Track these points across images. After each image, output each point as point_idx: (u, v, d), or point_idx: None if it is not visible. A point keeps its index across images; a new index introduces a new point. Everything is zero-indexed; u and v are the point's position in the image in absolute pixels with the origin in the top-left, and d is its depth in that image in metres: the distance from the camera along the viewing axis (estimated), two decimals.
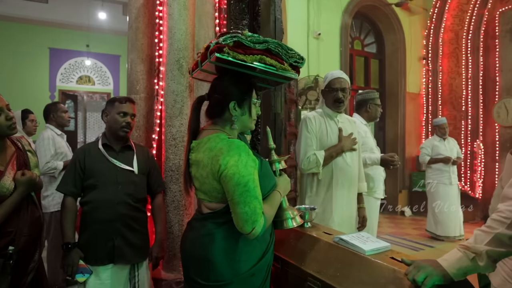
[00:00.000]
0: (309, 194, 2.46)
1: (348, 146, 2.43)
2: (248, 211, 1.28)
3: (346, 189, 2.42)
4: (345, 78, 2.50)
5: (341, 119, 2.54)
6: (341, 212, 2.38)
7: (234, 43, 1.33)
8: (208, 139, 1.41)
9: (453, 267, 1.13)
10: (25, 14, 8.77)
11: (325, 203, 2.39)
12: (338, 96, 2.44)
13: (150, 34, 2.73)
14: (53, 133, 3.45)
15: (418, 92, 7.57)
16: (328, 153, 2.38)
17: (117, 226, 1.99)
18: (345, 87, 2.46)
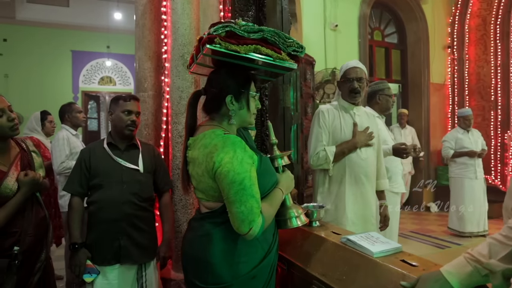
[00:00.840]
0: (320, 190, 2.34)
1: (362, 142, 2.27)
2: (245, 211, 1.21)
3: (361, 186, 2.27)
4: (362, 68, 2.35)
5: (358, 112, 2.38)
6: (355, 210, 2.24)
7: (227, 33, 1.26)
8: (203, 136, 1.35)
9: (463, 283, 0.98)
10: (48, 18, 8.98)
11: (337, 200, 2.26)
12: (354, 86, 2.29)
13: (156, 31, 2.69)
14: (68, 133, 3.47)
15: (443, 82, 7.27)
16: (339, 149, 2.24)
17: (122, 226, 1.96)
18: (361, 77, 2.31)
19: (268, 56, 1.30)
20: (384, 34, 7.25)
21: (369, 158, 2.33)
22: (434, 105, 7.12)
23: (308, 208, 1.71)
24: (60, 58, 9.44)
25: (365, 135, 2.29)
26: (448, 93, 7.28)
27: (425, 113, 7.02)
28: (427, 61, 7.07)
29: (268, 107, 2.22)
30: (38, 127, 3.75)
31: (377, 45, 7.08)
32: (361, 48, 6.33)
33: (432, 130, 7.05)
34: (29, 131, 3.76)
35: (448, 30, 7.26)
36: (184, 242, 1.46)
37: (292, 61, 1.37)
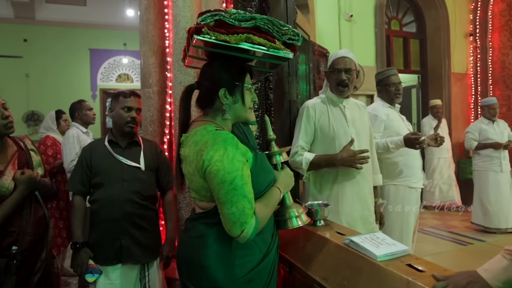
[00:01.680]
0: (312, 191, 2.17)
1: (345, 162, 2.00)
2: (236, 212, 1.14)
3: (355, 185, 2.11)
4: (351, 58, 2.17)
5: (348, 104, 2.20)
6: (350, 212, 2.09)
7: (216, 23, 1.18)
8: (195, 132, 1.28)
9: (498, 279, 0.90)
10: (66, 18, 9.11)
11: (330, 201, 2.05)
12: (341, 78, 2.11)
13: (160, 25, 2.63)
14: (78, 131, 3.47)
15: (465, 72, 6.98)
16: (316, 159, 2.06)
17: (124, 225, 1.92)
18: (350, 68, 2.13)
19: (261, 45, 1.22)
20: (402, 23, 7.00)
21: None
22: (456, 95, 6.84)
23: (312, 207, 1.63)
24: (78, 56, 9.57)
25: (352, 157, 2.01)
26: (471, 83, 6.99)
27: (446, 104, 6.75)
28: (447, 50, 6.78)
29: (273, 101, 2.13)
30: (53, 126, 3.78)
31: (395, 35, 6.83)
32: (377, 38, 6.11)
33: (453, 121, 6.79)
34: (45, 130, 3.80)
35: (470, 17, 6.94)
36: (179, 244, 1.40)
37: (288, 50, 1.28)
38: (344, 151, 2.02)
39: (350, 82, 2.14)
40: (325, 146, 2.14)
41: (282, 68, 2.18)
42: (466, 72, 6.99)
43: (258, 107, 2.16)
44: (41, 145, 3.60)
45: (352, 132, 2.14)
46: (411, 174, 2.75)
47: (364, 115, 2.26)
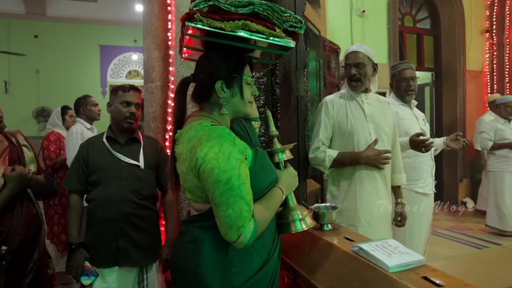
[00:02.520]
0: (330, 188, 2.12)
1: (370, 160, 1.98)
2: (232, 215, 1.03)
3: (374, 182, 2.03)
4: (363, 52, 2.09)
5: (367, 99, 2.13)
6: (369, 210, 2.01)
7: (210, 8, 1.07)
8: (189, 128, 1.18)
9: None
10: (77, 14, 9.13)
11: (348, 199, 2.04)
12: (351, 73, 2.08)
13: (164, 18, 2.54)
14: (82, 127, 3.41)
15: (481, 69, 6.77)
16: (340, 156, 2.02)
17: (121, 225, 1.83)
18: (359, 62, 2.07)
19: (259, 33, 1.10)
20: (415, 20, 6.81)
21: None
22: (471, 93, 6.64)
23: (319, 209, 1.51)
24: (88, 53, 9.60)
25: (377, 156, 1.99)
26: (486, 81, 6.78)
27: (460, 102, 6.55)
28: (463, 47, 6.58)
29: (280, 97, 2.02)
30: (59, 122, 3.74)
31: (408, 32, 6.66)
32: (390, 35, 5.95)
33: (468, 120, 6.58)
34: (51, 126, 3.77)
35: (486, 13, 6.73)
36: (173, 250, 1.30)
37: (290, 38, 1.17)
38: (370, 150, 2.00)
39: (363, 76, 2.08)
40: (344, 142, 2.09)
41: (289, 62, 2.06)
42: (482, 70, 6.79)
43: (263, 103, 2.05)
44: (44, 141, 3.56)
45: (370, 127, 2.08)
46: (418, 177, 2.62)
47: (386, 111, 2.18)
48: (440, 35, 6.83)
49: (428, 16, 6.90)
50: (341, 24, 5.48)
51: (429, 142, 2.33)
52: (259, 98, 1.99)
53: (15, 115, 8.58)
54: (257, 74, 1.97)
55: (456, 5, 6.55)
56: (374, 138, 2.04)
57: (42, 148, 3.51)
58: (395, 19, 6.00)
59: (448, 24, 6.72)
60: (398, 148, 2.26)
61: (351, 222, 1.98)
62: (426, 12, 6.89)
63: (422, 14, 6.87)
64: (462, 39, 6.58)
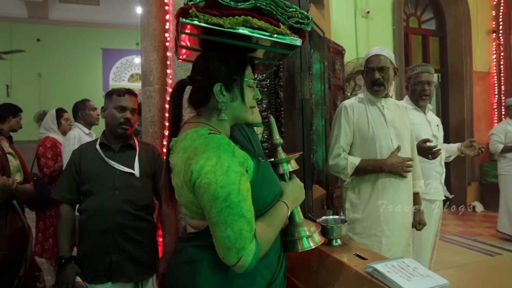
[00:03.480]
0: (349, 195, 2.04)
1: (394, 168, 1.93)
2: (231, 235, 0.92)
3: (397, 190, 1.97)
4: (386, 56, 2.05)
5: (386, 104, 2.09)
6: (393, 219, 1.93)
7: (206, 3, 0.96)
8: (184, 136, 1.06)
9: None
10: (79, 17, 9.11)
11: (370, 208, 1.96)
12: (375, 77, 2.02)
13: (162, 18, 2.44)
14: (80, 132, 3.30)
15: (488, 70, 6.64)
16: (363, 164, 1.96)
17: (114, 238, 1.72)
18: (383, 66, 2.02)
19: (262, 30, 0.99)
20: (420, 21, 6.69)
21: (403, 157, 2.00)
22: (478, 95, 6.51)
23: (327, 223, 1.40)
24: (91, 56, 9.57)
25: (401, 164, 1.95)
26: (494, 82, 6.65)
27: (467, 104, 6.42)
28: (469, 48, 6.46)
29: (283, 100, 1.91)
30: (54, 126, 3.61)
31: (413, 33, 6.54)
32: (395, 36, 5.84)
33: (475, 122, 6.45)
34: (45, 130, 3.63)
35: (492, 13, 6.62)
36: (167, 270, 1.19)
37: (296, 36, 1.05)
38: (394, 157, 1.95)
39: (386, 80, 2.03)
40: (365, 148, 2.04)
41: (293, 63, 1.95)
42: (489, 71, 6.66)
43: (266, 106, 1.94)
44: (39, 147, 3.42)
45: (391, 132, 2.03)
46: (426, 183, 2.50)
47: (405, 117, 2.14)
48: (446, 36, 6.71)
49: (434, 17, 6.79)
50: (345, 25, 5.39)
51: (436, 149, 2.27)
52: (262, 101, 1.88)
53: None
54: (259, 76, 1.86)
55: (461, 6, 6.44)
56: (395, 144, 1.99)
57: (38, 155, 3.39)
58: (400, 20, 5.89)
59: (454, 25, 6.60)
60: (416, 154, 2.21)
61: (373, 232, 1.92)
62: (431, 13, 6.77)
63: (427, 15, 6.76)
64: (468, 40, 6.46)
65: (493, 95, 6.65)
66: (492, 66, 6.66)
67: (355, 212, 2.00)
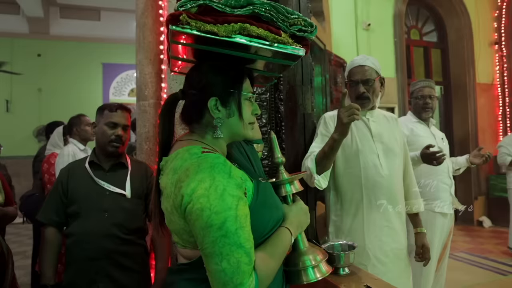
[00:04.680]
0: (333, 218, 1.83)
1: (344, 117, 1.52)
2: (228, 269, 0.80)
3: (385, 212, 1.76)
4: (371, 66, 1.84)
5: (372, 117, 1.88)
6: (380, 245, 1.72)
7: (199, 8, 0.86)
8: (175, 155, 0.95)
9: None
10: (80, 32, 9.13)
11: (354, 234, 1.74)
12: (359, 91, 1.81)
13: (158, 31, 2.37)
14: (75, 148, 3.19)
15: (491, 82, 6.56)
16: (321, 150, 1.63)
17: (103, 265, 1.59)
18: (368, 79, 1.82)
19: (261, 38, 0.88)
20: (422, 33, 6.66)
21: (392, 175, 1.80)
22: (482, 107, 6.43)
23: (334, 249, 1.27)
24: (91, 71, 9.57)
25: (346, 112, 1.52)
26: (498, 94, 6.58)
27: (471, 116, 6.33)
28: (471, 59, 6.40)
29: (284, 114, 1.80)
30: (60, 143, 3.51)
31: (415, 45, 6.50)
32: (397, 48, 5.80)
33: (480, 135, 6.34)
34: (51, 147, 3.54)
35: (494, 25, 6.60)
36: None
37: (298, 45, 0.94)
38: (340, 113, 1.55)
39: (371, 93, 1.82)
40: (348, 164, 1.81)
41: (295, 76, 1.85)
42: (493, 83, 6.60)
43: (266, 121, 1.83)
44: (44, 163, 3.33)
45: (378, 148, 1.82)
46: (436, 197, 2.43)
47: (395, 129, 1.93)
48: (448, 48, 6.67)
49: (435, 29, 6.76)
50: (346, 37, 5.34)
51: (440, 154, 2.12)
52: (261, 116, 1.77)
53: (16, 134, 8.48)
54: (259, 90, 1.76)
55: (463, 18, 6.41)
56: (383, 160, 1.78)
57: (42, 172, 3.30)
58: (402, 33, 5.85)
59: (456, 36, 6.56)
60: (411, 170, 2.01)
61: (358, 260, 1.65)
62: (432, 25, 6.75)
63: (428, 27, 6.73)
64: (471, 52, 6.42)
65: (497, 107, 6.58)
66: (495, 78, 6.61)
67: (338, 236, 1.78)
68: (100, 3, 9.05)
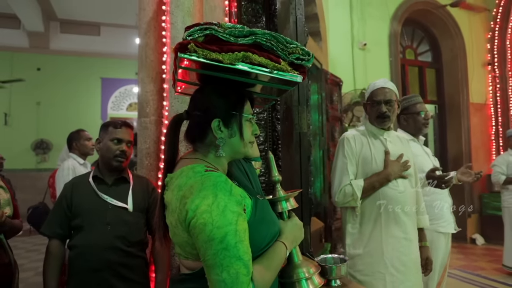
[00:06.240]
0: (350, 230, 1.96)
1: (396, 173, 1.91)
2: (227, 279, 0.87)
3: (402, 225, 1.89)
4: (391, 88, 2.04)
5: (389, 137, 2.05)
6: (397, 256, 1.84)
7: (206, 38, 0.94)
8: (180, 173, 1.02)
9: None
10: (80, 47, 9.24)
11: (372, 243, 1.87)
12: (382, 110, 1.98)
13: (160, 50, 2.44)
14: (74, 162, 3.26)
15: (484, 102, 6.70)
16: (369, 183, 1.88)
17: (105, 276, 1.65)
18: (390, 99, 2.00)
19: (262, 66, 0.97)
20: (417, 53, 6.82)
21: (407, 191, 1.95)
22: (475, 126, 6.55)
23: (326, 263, 1.34)
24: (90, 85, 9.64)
25: (399, 165, 1.93)
26: (491, 114, 6.70)
27: (465, 135, 6.45)
28: (465, 79, 6.56)
29: (281, 133, 1.88)
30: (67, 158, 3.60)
31: (410, 64, 6.65)
32: (392, 67, 5.93)
33: (473, 153, 6.45)
34: (60, 162, 3.67)
35: (487, 46, 6.76)
36: None
37: (296, 72, 1.03)
38: (391, 164, 1.92)
39: (392, 113, 2.00)
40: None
41: (291, 96, 1.94)
42: (486, 102, 6.74)
43: (264, 140, 1.91)
44: (50, 178, 3.43)
45: None
46: (439, 217, 2.47)
47: (408, 150, 2.08)
48: (442, 68, 6.83)
49: (430, 49, 6.92)
50: (343, 57, 5.47)
51: (449, 177, 2.21)
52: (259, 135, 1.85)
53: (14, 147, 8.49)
54: (257, 110, 1.84)
55: (457, 39, 6.58)
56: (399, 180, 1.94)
57: (48, 185, 3.40)
58: (397, 52, 5.99)
59: (450, 57, 6.72)
60: (419, 187, 2.15)
61: (376, 269, 1.82)
62: (427, 45, 6.92)
63: (423, 48, 6.90)
64: (464, 72, 6.57)
65: (490, 126, 6.69)
66: (488, 98, 6.74)
67: (356, 247, 1.91)
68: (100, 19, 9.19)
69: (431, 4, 6.32)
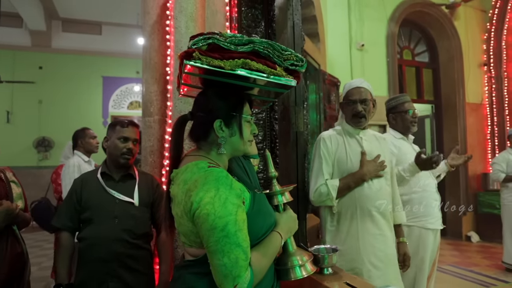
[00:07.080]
0: (329, 228, 2.01)
1: (371, 173, 1.96)
2: (228, 264, 0.97)
3: (377, 222, 1.95)
4: (367, 88, 2.08)
5: (365, 136, 2.09)
6: (374, 251, 1.91)
7: (209, 46, 1.05)
8: (185, 169, 1.13)
9: None
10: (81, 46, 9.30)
11: (349, 239, 1.93)
12: (357, 110, 2.02)
13: (163, 52, 2.55)
14: (79, 160, 3.36)
15: (480, 102, 6.81)
16: (344, 183, 1.94)
17: (113, 266, 1.75)
18: (365, 98, 2.04)
19: (259, 72, 1.08)
20: (414, 53, 6.92)
21: (382, 189, 2.01)
22: (471, 126, 6.65)
23: (319, 252, 1.45)
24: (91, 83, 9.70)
25: (375, 165, 1.98)
26: (486, 113, 6.81)
27: (461, 135, 6.56)
28: (461, 80, 6.66)
29: (279, 132, 1.99)
30: (70, 156, 3.69)
31: (407, 65, 6.75)
32: (389, 68, 6.02)
33: (469, 152, 6.49)
34: (64, 159, 3.79)
35: (483, 47, 6.86)
36: None
37: (291, 77, 1.14)
38: (367, 164, 1.97)
39: (367, 112, 2.05)
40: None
41: (288, 97, 2.05)
42: (482, 102, 6.83)
43: (262, 138, 2.02)
44: (53, 174, 3.53)
45: None
46: (427, 213, 2.50)
47: (384, 149, 2.13)
48: (439, 68, 6.92)
49: (427, 50, 7.02)
50: (340, 57, 5.56)
51: (435, 154, 2.23)
52: (258, 134, 1.96)
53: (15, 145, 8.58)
54: (255, 110, 1.95)
55: (453, 40, 6.67)
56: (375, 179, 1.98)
57: (51, 181, 3.50)
58: (394, 53, 6.09)
59: (446, 57, 6.82)
60: (396, 185, 2.20)
61: (354, 265, 1.88)
62: (424, 46, 7.01)
63: (420, 48, 6.99)
64: (461, 72, 6.66)
65: (486, 126, 6.79)
66: (484, 98, 6.83)
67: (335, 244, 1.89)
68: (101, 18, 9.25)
69: (428, 5, 6.42)
